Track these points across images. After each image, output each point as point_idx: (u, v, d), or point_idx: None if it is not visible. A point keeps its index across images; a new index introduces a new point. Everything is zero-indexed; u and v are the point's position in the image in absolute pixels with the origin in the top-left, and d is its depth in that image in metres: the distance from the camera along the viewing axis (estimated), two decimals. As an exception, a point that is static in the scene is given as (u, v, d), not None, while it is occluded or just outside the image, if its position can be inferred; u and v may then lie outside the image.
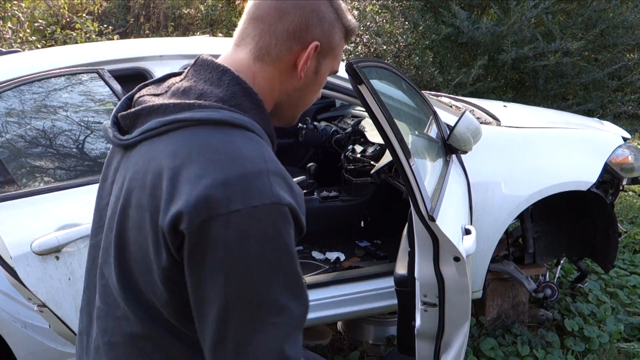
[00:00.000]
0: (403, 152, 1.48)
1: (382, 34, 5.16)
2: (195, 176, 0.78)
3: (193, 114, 0.84)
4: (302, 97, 1.00)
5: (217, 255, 0.77)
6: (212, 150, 0.80)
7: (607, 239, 2.44)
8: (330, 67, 1.00)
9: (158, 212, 0.80)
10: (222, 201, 0.76)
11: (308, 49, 0.92)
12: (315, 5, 0.93)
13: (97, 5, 9.14)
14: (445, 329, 1.71)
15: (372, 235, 2.92)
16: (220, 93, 0.88)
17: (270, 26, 0.92)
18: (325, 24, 0.94)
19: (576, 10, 4.77)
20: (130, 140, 0.88)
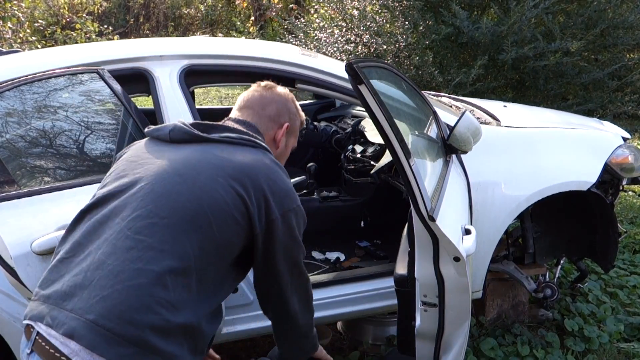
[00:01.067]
0: (403, 152, 1.48)
1: (382, 34, 5.16)
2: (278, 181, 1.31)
3: (261, 142, 1.38)
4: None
5: (294, 233, 1.35)
6: (279, 167, 1.35)
7: (607, 239, 2.44)
8: (292, 143, 1.58)
9: (255, 195, 1.26)
10: (292, 199, 1.33)
11: (283, 128, 1.50)
12: (284, 101, 1.52)
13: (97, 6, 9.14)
14: (445, 329, 1.71)
15: (372, 235, 2.92)
16: (264, 142, 1.42)
17: (258, 112, 1.47)
18: (291, 113, 1.53)
19: (576, 10, 4.77)
20: (211, 137, 1.32)
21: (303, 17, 7.21)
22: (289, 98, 1.53)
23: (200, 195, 1.20)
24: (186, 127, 1.32)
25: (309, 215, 1.43)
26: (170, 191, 1.20)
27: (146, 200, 1.20)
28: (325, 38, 5.81)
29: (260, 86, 1.52)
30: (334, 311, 2.22)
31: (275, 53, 2.26)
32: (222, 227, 1.21)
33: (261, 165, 1.30)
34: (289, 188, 1.32)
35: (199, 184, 1.21)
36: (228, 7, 14.09)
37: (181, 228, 1.18)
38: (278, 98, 1.50)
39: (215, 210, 1.20)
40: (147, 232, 1.16)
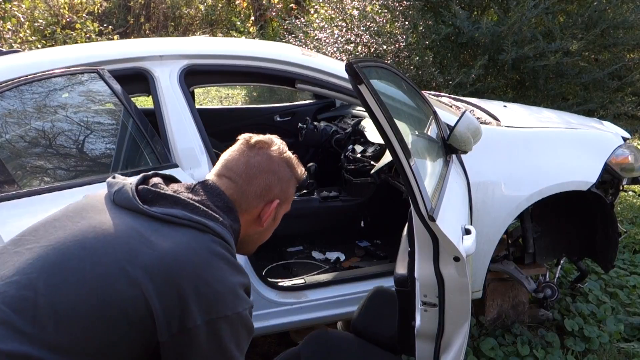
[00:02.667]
0: (403, 152, 1.48)
1: (382, 34, 5.16)
2: (211, 280, 1.02)
3: (216, 226, 1.08)
4: (260, 237, 1.29)
5: (222, 346, 1.04)
6: (224, 261, 1.05)
7: (607, 239, 2.44)
8: (284, 211, 1.30)
9: (167, 295, 0.98)
10: (230, 305, 1.03)
11: (272, 207, 1.22)
12: (276, 169, 1.22)
13: (97, 5, 9.14)
14: (445, 329, 1.71)
15: (372, 235, 2.92)
16: (230, 223, 1.14)
17: (241, 187, 1.19)
18: (284, 184, 1.23)
19: (576, 10, 4.77)
20: (151, 213, 1.06)
21: (303, 17, 7.21)
22: (282, 162, 1.23)
23: (93, 281, 0.97)
24: (131, 192, 1.08)
25: (309, 215, 1.38)
26: (62, 265, 0.98)
27: (36, 266, 0.98)
28: (325, 38, 5.81)
29: (247, 145, 1.22)
30: (334, 311, 2.22)
31: (275, 53, 2.26)
32: (108, 326, 0.96)
33: (193, 258, 1.01)
34: (228, 291, 1.03)
35: (98, 269, 0.98)
36: (228, 7, 14.09)
37: (61, 316, 0.94)
38: (268, 166, 1.20)
39: (104, 304, 0.96)
40: (15, 305, 0.93)
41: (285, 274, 2.53)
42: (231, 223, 1.14)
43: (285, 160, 1.24)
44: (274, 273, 2.52)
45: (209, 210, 1.10)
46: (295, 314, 2.17)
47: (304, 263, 2.63)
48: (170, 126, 1.97)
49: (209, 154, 2.00)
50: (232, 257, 1.08)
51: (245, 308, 1.06)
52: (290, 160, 1.26)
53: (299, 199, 2.94)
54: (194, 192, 1.14)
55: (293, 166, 1.26)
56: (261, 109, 3.86)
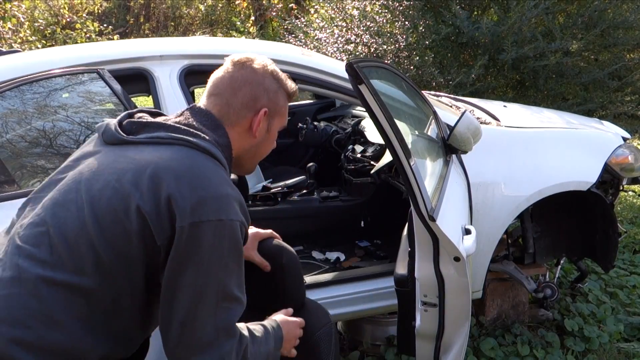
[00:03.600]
0: (403, 152, 1.48)
1: (382, 34, 5.15)
2: (195, 183, 1.06)
3: (199, 141, 1.13)
4: (258, 151, 1.32)
5: (197, 249, 1.04)
6: (209, 170, 1.09)
7: (607, 239, 2.44)
8: (280, 124, 1.32)
9: (156, 192, 1.04)
10: (212, 210, 1.05)
11: (259, 115, 1.23)
12: (260, 80, 1.24)
13: (97, 5, 9.14)
14: (445, 329, 1.71)
15: (372, 235, 2.92)
16: (216, 138, 1.18)
17: (228, 100, 1.22)
18: (271, 94, 1.26)
19: (576, 10, 4.76)
20: (135, 139, 1.14)
21: (303, 17, 7.21)
22: (267, 73, 1.25)
23: (90, 204, 1.06)
24: (114, 127, 1.16)
25: (309, 215, 1.37)
26: (65, 200, 1.09)
27: (45, 206, 1.11)
28: (325, 38, 5.81)
29: (232, 63, 1.25)
30: (334, 311, 2.21)
31: (275, 53, 2.26)
32: (116, 241, 1.05)
33: (175, 165, 1.07)
34: (212, 197, 1.05)
35: (93, 193, 1.07)
36: (228, 7, 14.09)
37: (71, 240, 1.05)
38: (252, 77, 1.23)
39: (105, 222, 1.05)
40: (33, 241, 1.06)
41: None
42: (218, 139, 1.17)
43: (271, 72, 1.26)
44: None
45: (192, 129, 1.14)
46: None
47: (304, 263, 2.63)
48: (170, 126, 1.97)
49: (209, 154, 2.00)
50: (220, 170, 1.12)
51: (232, 219, 1.07)
52: (276, 72, 1.27)
53: (299, 199, 2.95)
54: (180, 117, 1.19)
55: (280, 79, 1.28)
56: (261, 109, 3.85)
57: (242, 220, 1.10)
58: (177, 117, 1.19)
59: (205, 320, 1.05)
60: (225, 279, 1.07)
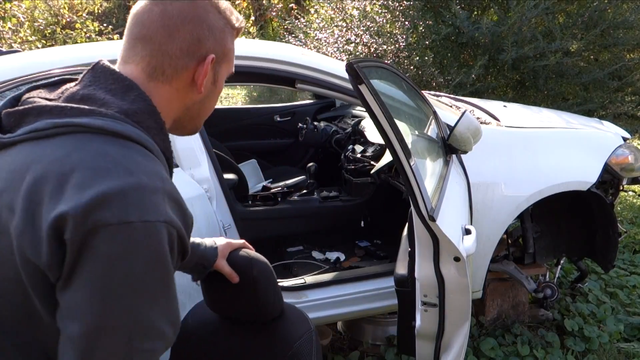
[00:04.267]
0: (403, 152, 1.48)
1: (382, 34, 5.16)
2: (87, 181, 0.73)
3: (92, 120, 0.80)
4: (202, 108, 0.99)
5: (97, 268, 0.71)
6: (109, 158, 0.76)
7: (607, 239, 2.44)
8: (227, 71, 1.00)
9: (36, 218, 0.73)
10: (114, 210, 0.72)
11: (205, 64, 0.92)
12: (203, 16, 0.91)
13: (97, 5, 9.14)
14: (446, 329, 1.71)
15: (372, 235, 2.92)
16: (125, 106, 0.85)
17: (161, 46, 0.89)
18: (217, 33, 0.93)
19: (576, 10, 4.77)
20: (11, 139, 0.81)
21: (303, 17, 7.21)
22: (210, 6, 0.93)
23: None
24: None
25: (309, 215, 1.31)
26: None
27: None
28: (325, 38, 5.81)
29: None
30: (334, 311, 2.22)
31: (275, 53, 2.26)
32: (9, 295, 0.78)
33: (59, 166, 0.75)
34: (114, 190, 0.73)
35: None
36: (228, 7, 14.08)
37: None
38: (192, 13, 0.90)
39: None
40: None
41: (285, 274, 2.53)
42: (129, 106, 0.85)
43: (214, 4, 0.95)
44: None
45: (84, 104, 0.83)
46: (295, 314, 2.17)
47: (304, 263, 2.63)
48: (170, 126, 1.97)
49: (209, 154, 2.00)
50: (130, 152, 0.79)
51: (149, 220, 0.74)
52: (219, 4, 0.96)
53: (299, 199, 2.95)
54: (78, 85, 0.89)
55: (225, 11, 0.96)
56: (261, 109, 3.86)
57: (172, 219, 0.77)
58: (75, 86, 0.90)
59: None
60: (141, 308, 0.74)
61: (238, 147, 3.47)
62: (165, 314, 0.77)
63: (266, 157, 3.58)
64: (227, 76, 1.00)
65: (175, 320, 0.79)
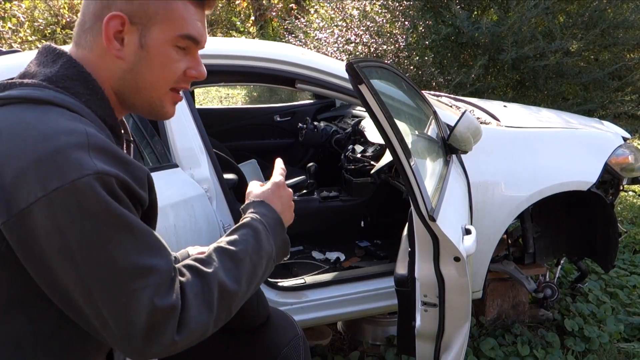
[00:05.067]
0: (403, 152, 1.48)
1: (382, 34, 5.16)
2: (6, 159, 0.72)
3: (10, 92, 0.80)
4: (140, 79, 0.88)
5: (53, 242, 0.71)
6: (24, 127, 0.74)
7: (607, 239, 2.44)
8: (165, 35, 0.86)
9: None
10: (38, 183, 0.70)
11: (103, 24, 0.82)
12: None
13: (97, 5, 9.15)
14: (446, 329, 1.71)
15: (372, 235, 2.92)
16: (50, 73, 0.83)
17: (83, 12, 0.86)
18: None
19: (576, 10, 4.77)
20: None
21: (303, 17, 7.21)
22: None
23: None
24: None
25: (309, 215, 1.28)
26: None
27: None
28: (325, 38, 5.81)
29: None
30: (334, 311, 2.22)
31: (275, 53, 2.25)
32: None
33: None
34: (34, 160, 0.71)
35: None
36: (228, 7, 14.09)
37: None
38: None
39: None
40: None
41: (285, 274, 2.53)
42: (54, 73, 0.83)
43: None
44: (274, 273, 2.50)
45: (13, 80, 0.86)
46: (295, 314, 2.15)
47: (304, 263, 2.63)
48: (170, 126, 1.97)
49: (209, 154, 2.00)
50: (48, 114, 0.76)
51: (78, 177, 0.70)
52: None
53: (299, 199, 2.95)
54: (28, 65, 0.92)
55: None
56: (261, 109, 3.86)
57: (103, 169, 0.72)
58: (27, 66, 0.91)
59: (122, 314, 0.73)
60: (113, 257, 0.72)
61: (238, 147, 3.46)
62: (141, 250, 0.75)
63: (266, 157, 3.58)
64: (171, 39, 0.87)
65: (159, 250, 0.77)
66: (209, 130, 2.08)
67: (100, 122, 0.83)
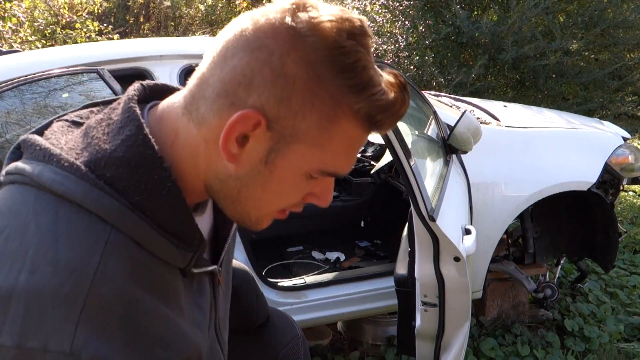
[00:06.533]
0: (403, 152, 1.48)
1: (382, 34, 5.16)
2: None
3: (31, 166, 0.57)
4: (245, 193, 0.62)
5: None
6: (20, 235, 0.53)
7: (607, 239, 2.44)
8: (307, 164, 0.59)
9: None
10: (9, 325, 0.50)
11: (232, 120, 0.55)
12: (284, 49, 0.54)
13: (97, 5, 9.14)
14: (446, 329, 1.71)
15: (372, 235, 2.92)
16: (100, 152, 0.57)
17: (211, 68, 0.59)
18: (290, 79, 0.54)
19: (577, 10, 4.77)
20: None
21: (303, 17, 7.21)
22: (309, 30, 0.54)
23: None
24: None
25: (309, 215, 1.26)
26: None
27: None
28: (325, 38, 5.82)
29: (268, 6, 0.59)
30: (334, 311, 2.22)
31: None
32: None
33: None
34: (20, 291, 0.51)
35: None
36: (228, 7, 14.09)
37: None
38: (269, 36, 0.55)
39: None
40: None
41: (285, 274, 2.53)
42: (109, 152, 0.57)
43: (335, 41, 0.53)
44: (274, 273, 2.51)
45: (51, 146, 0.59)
46: (295, 314, 2.16)
47: (304, 263, 2.63)
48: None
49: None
50: (39, 231, 0.53)
51: (23, 344, 0.49)
52: (341, 41, 0.53)
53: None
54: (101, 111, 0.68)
55: (354, 65, 0.54)
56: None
57: (89, 354, 0.50)
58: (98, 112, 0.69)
59: None
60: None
61: (238, 147, 3.46)
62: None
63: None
64: (312, 172, 0.60)
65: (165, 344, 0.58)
66: (209, 130, 2.08)
67: (153, 232, 0.58)
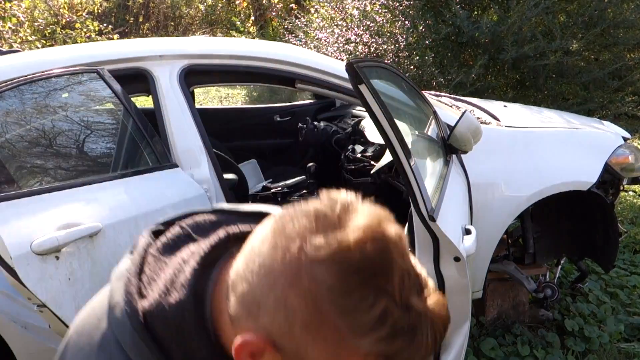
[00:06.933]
0: (403, 152, 1.48)
1: (382, 34, 5.16)
2: None
3: (125, 313, 0.56)
4: None
5: None
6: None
7: (607, 239, 2.44)
8: None
9: None
10: None
11: (238, 343, 0.52)
12: (294, 277, 0.49)
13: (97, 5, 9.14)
14: (446, 329, 1.71)
15: (372, 235, 2.91)
16: (161, 312, 0.56)
17: (246, 274, 0.54)
18: (298, 315, 0.49)
19: (577, 9, 4.77)
20: None
21: (303, 17, 7.21)
22: (329, 266, 0.49)
23: None
24: None
25: None
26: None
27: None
28: (325, 38, 5.81)
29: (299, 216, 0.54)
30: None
31: (275, 53, 2.25)
32: None
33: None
34: None
35: None
36: (228, 7, 14.09)
37: None
38: (289, 266, 0.50)
39: None
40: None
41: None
42: (158, 310, 0.56)
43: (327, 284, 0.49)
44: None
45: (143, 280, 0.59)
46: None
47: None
48: (170, 126, 1.97)
49: (208, 154, 2.00)
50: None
51: None
52: (349, 283, 0.50)
53: (299, 199, 2.94)
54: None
55: (350, 307, 0.49)
56: (261, 109, 3.86)
57: None
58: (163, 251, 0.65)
59: None
60: None
61: (238, 147, 3.46)
62: None
63: (266, 157, 3.58)
64: None
65: None
66: (209, 130, 2.08)
67: None
